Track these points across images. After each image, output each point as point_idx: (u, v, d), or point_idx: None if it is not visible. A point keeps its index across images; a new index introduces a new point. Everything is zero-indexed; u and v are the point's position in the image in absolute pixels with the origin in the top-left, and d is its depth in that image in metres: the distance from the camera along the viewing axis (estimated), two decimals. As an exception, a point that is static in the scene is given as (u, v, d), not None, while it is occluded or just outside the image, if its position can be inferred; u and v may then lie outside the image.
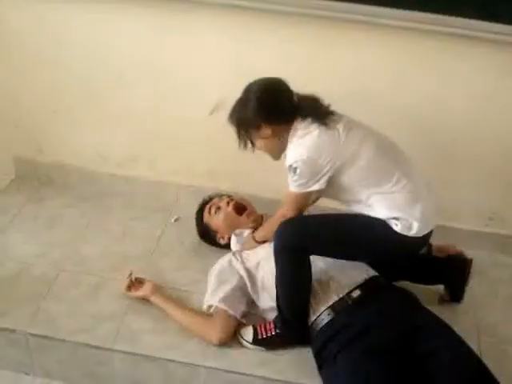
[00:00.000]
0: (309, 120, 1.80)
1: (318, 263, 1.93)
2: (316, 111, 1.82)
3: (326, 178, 1.80)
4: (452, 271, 2.09)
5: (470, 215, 2.43)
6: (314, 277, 1.89)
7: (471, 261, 2.08)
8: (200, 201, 2.37)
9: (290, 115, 1.83)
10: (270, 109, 1.81)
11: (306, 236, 1.83)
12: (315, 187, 1.82)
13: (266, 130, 1.83)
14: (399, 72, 2.14)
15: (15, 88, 2.46)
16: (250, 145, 1.89)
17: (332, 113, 1.83)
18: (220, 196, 2.33)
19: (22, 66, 2.40)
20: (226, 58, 2.21)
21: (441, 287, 2.15)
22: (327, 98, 1.85)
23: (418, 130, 2.18)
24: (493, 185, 2.34)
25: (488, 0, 1.91)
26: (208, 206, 2.31)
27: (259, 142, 1.89)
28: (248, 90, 1.84)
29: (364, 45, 2.09)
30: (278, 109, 1.82)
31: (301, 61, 2.14)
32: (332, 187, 1.84)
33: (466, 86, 2.13)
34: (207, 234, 2.32)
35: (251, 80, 1.84)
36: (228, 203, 2.26)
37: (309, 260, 1.84)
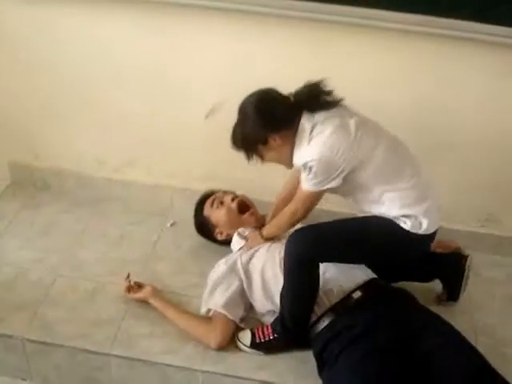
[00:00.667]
0: (315, 116, 1.77)
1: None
2: (317, 103, 1.78)
3: (341, 176, 1.77)
4: (448, 266, 2.09)
5: (466, 216, 2.44)
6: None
7: (467, 256, 2.08)
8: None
9: (293, 114, 1.79)
10: (271, 117, 1.79)
11: (320, 246, 1.82)
12: (330, 185, 1.79)
13: (276, 141, 1.80)
14: (396, 74, 2.14)
15: (10, 93, 2.45)
16: (259, 159, 1.88)
17: (335, 102, 1.80)
18: (224, 191, 2.32)
19: (17, 70, 2.39)
20: (223, 61, 2.21)
21: (438, 287, 2.15)
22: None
23: (415, 131, 2.18)
24: (489, 186, 2.34)
25: (484, 2, 1.92)
26: (211, 199, 2.29)
27: (270, 156, 1.86)
28: (243, 109, 1.82)
29: (362, 47, 2.09)
30: (279, 114, 1.79)
31: (298, 64, 2.14)
32: (346, 184, 1.81)
33: (463, 88, 2.14)
34: (205, 227, 2.30)
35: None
36: (233, 199, 2.25)
37: (318, 269, 1.83)
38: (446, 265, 2.10)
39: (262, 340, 1.91)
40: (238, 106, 1.84)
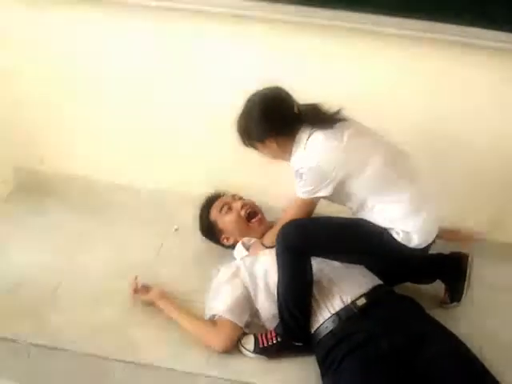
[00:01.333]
0: (313, 129, 1.82)
1: (324, 270, 1.94)
2: (319, 119, 1.84)
3: (332, 184, 1.82)
4: (449, 267, 2.10)
5: (471, 222, 2.43)
6: (319, 284, 1.91)
7: (468, 255, 2.09)
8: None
9: (294, 125, 1.85)
10: (273, 122, 1.84)
11: (309, 237, 1.85)
12: (321, 194, 1.84)
13: (272, 143, 1.86)
14: (398, 79, 2.15)
15: (16, 99, 2.47)
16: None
17: (338, 120, 1.84)
18: (232, 195, 2.30)
19: (22, 76, 2.41)
20: (224, 67, 2.23)
21: (441, 291, 2.15)
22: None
23: (417, 138, 2.19)
24: (493, 192, 2.34)
25: (486, 8, 1.93)
26: (219, 204, 2.26)
27: (265, 152, 1.92)
28: (250, 105, 1.87)
29: (366, 53, 2.10)
30: (281, 121, 1.84)
31: (299, 69, 2.16)
32: (337, 194, 1.86)
33: (464, 92, 2.14)
34: (212, 231, 2.28)
35: (245, 92, 1.86)
36: (242, 207, 2.23)
37: (310, 261, 1.86)
38: (447, 265, 2.11)
39: (266, 345, 1.91)
40: (247, 98, 1.88)
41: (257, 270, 2.06)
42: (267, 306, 2.00)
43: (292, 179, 2.08)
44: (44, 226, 2.48)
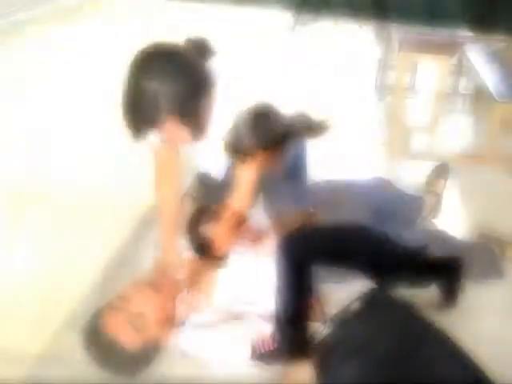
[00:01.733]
0: (301, 140, 1.91)
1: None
2: (306, 131, 1.91)
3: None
4: (444, 271, 2.12)
5: (464, 225, 2.44)
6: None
7: (463, 260, 2.11)
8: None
9: (282, 137, 1.91)
10: (261, 134, 1.87)
11: (310, 249, 1.87)
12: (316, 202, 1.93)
13: (260, 155, 1.90)
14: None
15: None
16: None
17: (324, 129, 1.92)
18: (217, 206, 2.25)
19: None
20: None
21: (437, 295, 2.16)
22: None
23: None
24: (487, 196, 2.35)
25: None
26: (207, 216, 2.26)
27: (254, 166, 1.94)
28: (238, 119, 1.89)
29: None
30: (270, 132, 1.89)
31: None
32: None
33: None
34: (202, 245, 2.23)
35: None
36: (230, 215, 2.19)
37: (311, 273, 1.86)
38: (442, 268, 2.13)
39: (263, 351, 1.91)
40: (236, 117, 1.89)
41: (251, 276, 2.06)
42: (259, 312, 1.99)
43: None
44: (41, 230, 2.46)
